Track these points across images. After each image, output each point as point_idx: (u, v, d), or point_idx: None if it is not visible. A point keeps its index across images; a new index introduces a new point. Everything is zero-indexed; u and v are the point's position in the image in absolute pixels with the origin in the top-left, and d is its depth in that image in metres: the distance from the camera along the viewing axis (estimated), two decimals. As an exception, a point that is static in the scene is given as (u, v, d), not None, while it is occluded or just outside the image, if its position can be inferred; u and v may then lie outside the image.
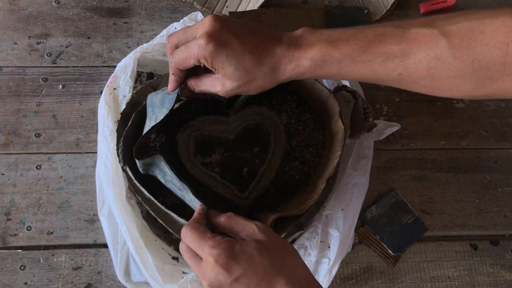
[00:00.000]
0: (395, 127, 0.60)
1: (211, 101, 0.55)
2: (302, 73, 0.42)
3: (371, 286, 0.59)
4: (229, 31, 0.40)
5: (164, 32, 0.61)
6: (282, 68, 0.41)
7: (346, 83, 0.58)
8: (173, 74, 0.45)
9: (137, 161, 0.48)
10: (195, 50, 0.40)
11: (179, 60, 0.43)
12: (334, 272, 0.53)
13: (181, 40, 0.43)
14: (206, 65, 0.41)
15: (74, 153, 0.63)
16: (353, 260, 0.60)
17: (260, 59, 0.41)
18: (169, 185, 0.50)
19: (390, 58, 0.39)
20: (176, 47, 0.44)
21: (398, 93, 0.70)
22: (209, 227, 0.43)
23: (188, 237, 0.40)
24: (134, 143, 0.48)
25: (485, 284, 0.60)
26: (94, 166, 0.58)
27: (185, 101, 0.51)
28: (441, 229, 0.63)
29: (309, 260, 0.53)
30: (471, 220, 0.63)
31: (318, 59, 0.40)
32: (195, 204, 0.46)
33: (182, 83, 0.46)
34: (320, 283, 0.42)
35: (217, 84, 0.43)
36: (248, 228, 0.41)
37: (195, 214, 0.44)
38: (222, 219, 0.43)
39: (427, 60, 0.38)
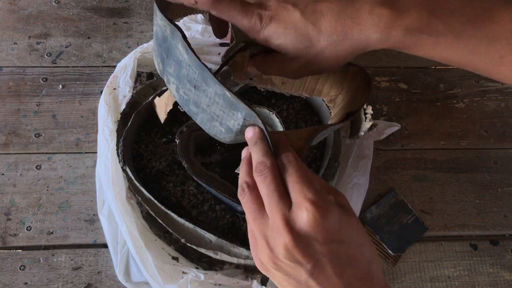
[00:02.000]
0: (395, 127, 0.60)
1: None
2: (389, 46, 0.34)
3: (371, 286, 0.59)
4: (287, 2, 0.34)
5: (164, 32, 0.61)
6: (360, 35, 0.33)
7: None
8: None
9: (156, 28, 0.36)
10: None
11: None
12: (334, 272, 0.53)
13: None
14: (260, 42, 0.35)
15: (74, 153, 0.63)
16: (353, 260, 0.60)
17: (322, 24, 0.33)
18: (183, 83, 0.36)
19: (498, 37, 0.32)
20: None
21: (398, 93, 0.70)
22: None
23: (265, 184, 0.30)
24: (134, 143, 0.48)
25: (485, 284, 0.60)
26: (94, 166, 0.58)
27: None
28: (441, 229, 0.63)
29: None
30: (471, 220, 0.63)
31: (415, 29, 0.32)
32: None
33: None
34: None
35: (285, 66, 0.36)
36: (329, 189, 0.31)
37: (258, 134, 0.33)
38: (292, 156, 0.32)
39: None
